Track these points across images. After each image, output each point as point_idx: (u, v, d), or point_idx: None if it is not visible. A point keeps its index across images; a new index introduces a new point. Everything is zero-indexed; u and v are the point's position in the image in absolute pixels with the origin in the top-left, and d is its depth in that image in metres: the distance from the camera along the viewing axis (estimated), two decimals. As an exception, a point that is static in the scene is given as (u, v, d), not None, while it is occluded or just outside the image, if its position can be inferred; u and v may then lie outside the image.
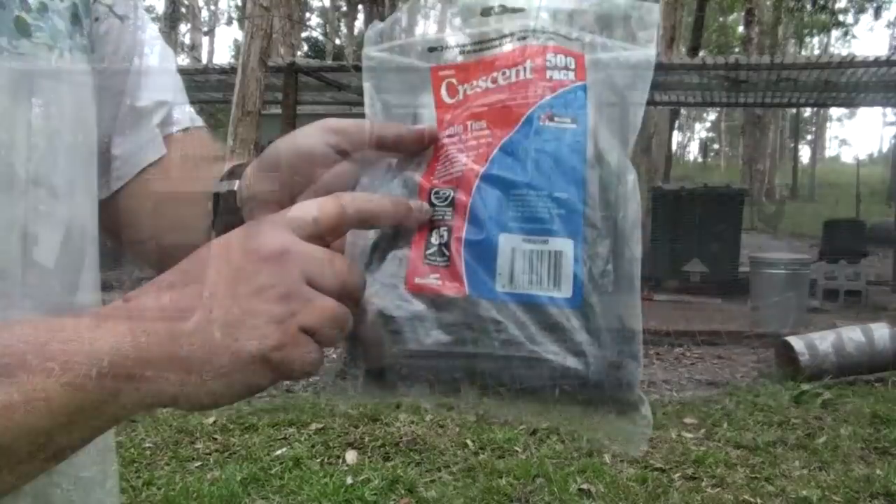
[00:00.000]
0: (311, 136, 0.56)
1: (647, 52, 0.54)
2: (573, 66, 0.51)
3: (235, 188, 0.61)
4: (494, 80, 0.52)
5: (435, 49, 0.54)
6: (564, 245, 0.47)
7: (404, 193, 0.52)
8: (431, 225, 0.50)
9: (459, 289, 0.48)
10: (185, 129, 0.75)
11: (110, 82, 0.68)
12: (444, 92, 0.53)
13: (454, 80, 0.53)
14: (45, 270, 0.57)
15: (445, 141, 0.52)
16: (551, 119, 0.49)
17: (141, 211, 0.71)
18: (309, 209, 0.49)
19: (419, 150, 0.53)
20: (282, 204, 0.58)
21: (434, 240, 0.49)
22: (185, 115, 0.76)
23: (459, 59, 0.54)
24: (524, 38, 0.53)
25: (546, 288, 0.47)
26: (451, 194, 0.49)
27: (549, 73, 0.51)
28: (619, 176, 0.51)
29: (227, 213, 0.61)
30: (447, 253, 0.48)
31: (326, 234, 0.49)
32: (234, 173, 0.63)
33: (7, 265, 0.54)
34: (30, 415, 0.43)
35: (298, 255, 0.47)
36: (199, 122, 0.78)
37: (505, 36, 0.53)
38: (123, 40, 0.69)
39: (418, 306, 0.48)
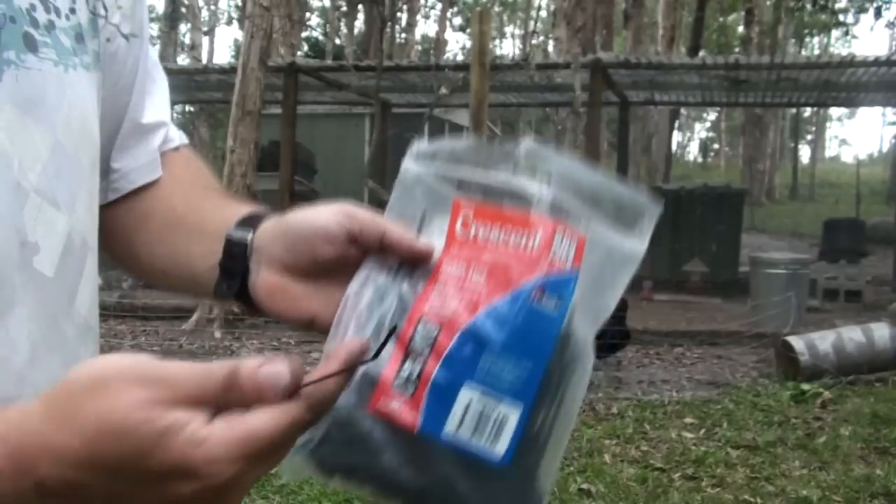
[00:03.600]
0: (329, 215, 0.60)
1: (640, 246, 0.59)
2: (573, 250, 0.57)
3: (248, 240, 0.64)
4: (506, 238, 0.57)
5: (464, 184, 0.59)
6: (514, 408, 0.53)
7: (398, 305, 0.56)
8: (409, 352, 0.54)
9: (413, 423, 0.53)
10: (176, 149, 0.79)
11: (115, 99, 0.71)
12: (459, 224, 0.58)
13: (471, 217, 0.58)
14: (44, 279, 0.58)
15: (446, 273, 0.56)
16: (540, 298, 0.54)
17: (137, 229, 0.74)
18: (254, 431, 0.45)
19: (414, 262, 0.57)
20: (286, 267, 0.61)
21: (407, 367, 0.54)
22: (176, 133, 0.80)
23: (482, 199, 0.59)
24: (542, 205, 0.57)
25: (485, 442, 0.53)
26: (436, 334, 0.54)
27: (552, 251, 0.56)
28: (579, 356, 0.57)
29: (236, 259, 0.64)
30: (414, 386, 0.53)
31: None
32: (248, 221, 0.66)
33: (7, 271, 0.55)
34: None
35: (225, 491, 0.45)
36: (185, 138, 0.82)
37: (527, 197, 0.58)
38: (128, 59, 0.72)
39: (373, 427, 0.53)
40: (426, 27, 45.08)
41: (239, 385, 0.44)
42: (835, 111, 53.11)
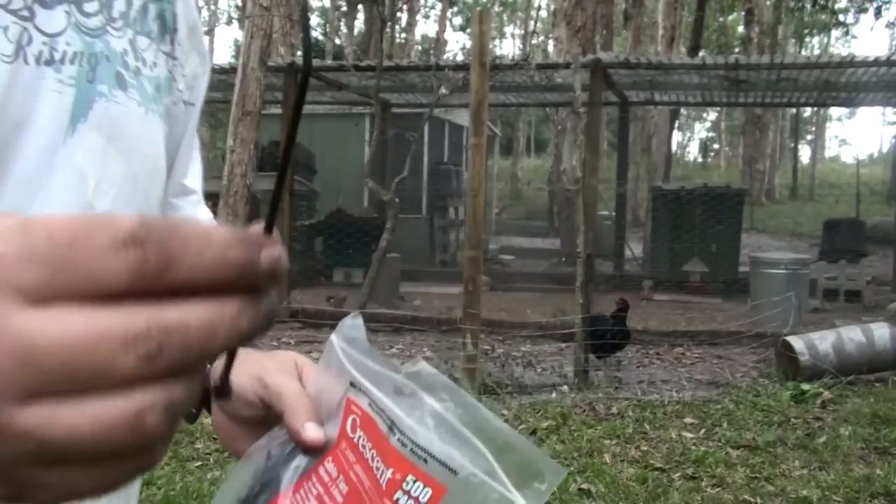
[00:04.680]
0: (248, 380, 0.61)
1: None
2: (426, 500, 0.51)
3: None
4: (374, 462, 0.54)
5: (355, 386, 0.57)
6: None
7: (270, 489, 0.57)
8: None
9: None
10: None
11: (169, 154, 0.76)
12: (349, 423, 0.56)
13: (358, 421, 0.56)
14: None
15: (323, 472, 0.56)
16: None
17: None
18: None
19: (305, 449, 0.57)
20: (225, 411, 0.64)
21: None
22: (207, 212, 0.85)
23: (368, 408, 0.56)
24: (402, 443, 0.53)
25: None
26: None
27: (397, 495, 0.52)
28: None
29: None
30: None
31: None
32: None
33: None
34: None
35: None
36: (212, 217, 0.86)
37: (395, 428, 0.54)
38: (182, 124, 0.78)
39: None
40: (426, 27, 45.12)
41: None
42: (835, 111, 53.12)
